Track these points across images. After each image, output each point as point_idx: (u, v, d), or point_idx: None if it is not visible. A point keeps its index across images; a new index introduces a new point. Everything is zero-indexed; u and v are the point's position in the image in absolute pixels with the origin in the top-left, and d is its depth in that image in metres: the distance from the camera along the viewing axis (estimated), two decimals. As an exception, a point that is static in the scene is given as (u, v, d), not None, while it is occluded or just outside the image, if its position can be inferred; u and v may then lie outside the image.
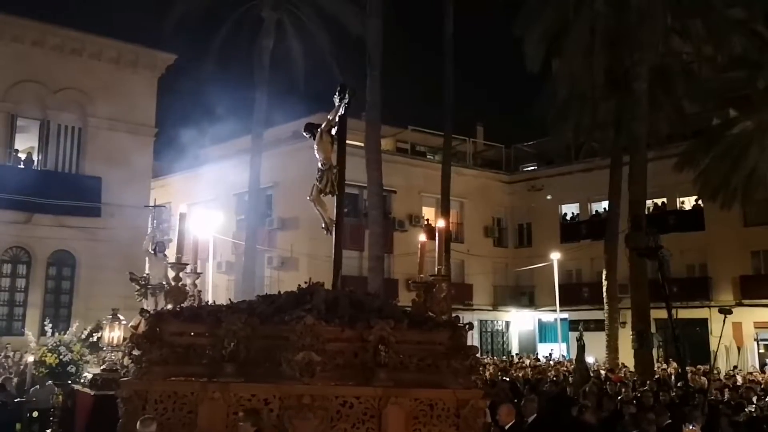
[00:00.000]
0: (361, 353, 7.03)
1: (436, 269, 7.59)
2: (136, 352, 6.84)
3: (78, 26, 25.36)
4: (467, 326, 7.37)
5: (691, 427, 7.73)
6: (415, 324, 7.32)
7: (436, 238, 7.60)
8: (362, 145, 23.18)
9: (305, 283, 7.90)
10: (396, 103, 37.82)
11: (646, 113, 22.28)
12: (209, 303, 8.15)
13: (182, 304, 7.25)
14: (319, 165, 8.37)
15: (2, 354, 18.06)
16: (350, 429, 6.70)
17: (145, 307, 8.50)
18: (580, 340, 18.35)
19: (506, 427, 7.77)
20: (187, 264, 7.42)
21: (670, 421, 10.81)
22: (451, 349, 7.07)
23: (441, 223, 7.72)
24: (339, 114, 8.23)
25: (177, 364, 6.94)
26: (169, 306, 7.16)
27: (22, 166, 24.58)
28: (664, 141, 26.74)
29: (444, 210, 26.61)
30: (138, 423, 6.30)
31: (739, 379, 20.39)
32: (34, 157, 24.88)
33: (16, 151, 24.73)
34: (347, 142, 8.63)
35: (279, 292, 7.94)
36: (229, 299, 8.05)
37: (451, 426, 6.85)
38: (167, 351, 6.87)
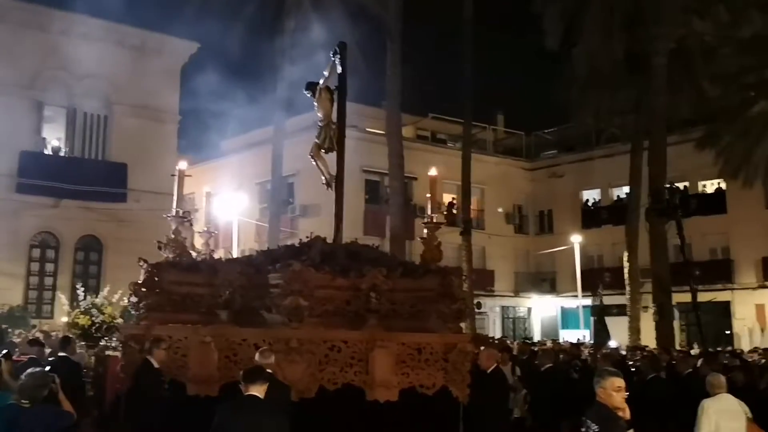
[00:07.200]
0: (353, 301, 7.18)
1: (430, 217, 7.64)
2: (134, 299, 7.09)
3: (103, 15, 25.73)
4: (458, 273, 7.46)
5: None
6: (408, 272, 7.45)
7: (432, 188, 7.68)
8: (383, 132, 23.30)
9: (307, 237, 8.06)
10: (416, 92, 37.72)
11: (664, 88, 22.08)
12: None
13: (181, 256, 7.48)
14: (319, 122, 8.51)
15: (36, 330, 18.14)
16: (338, 372, 6.83)
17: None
18: (597, 299, 18.09)
19: (488, 371, 7.76)
20: (186, 218, 7.64)
21: (691, 370, 10.84)
22: (440, 294, 7.17)
23: (433, 171, 7.75)
24: (337, 71, 8.36)
25: (174, 312, 7.17)
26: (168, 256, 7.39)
27: (50, 153, 25.14)
28: (685, 125, 26.44)
29: (465, 195, 26.66)
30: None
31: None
32: (62, 144, 25.41)
33: (44, 138, 25.28)
34: (367, 129, 8.79)
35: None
36: (230, 252, 8.26)
37: (439, 369, 6.95)
38: (164, 298, 7.10)
